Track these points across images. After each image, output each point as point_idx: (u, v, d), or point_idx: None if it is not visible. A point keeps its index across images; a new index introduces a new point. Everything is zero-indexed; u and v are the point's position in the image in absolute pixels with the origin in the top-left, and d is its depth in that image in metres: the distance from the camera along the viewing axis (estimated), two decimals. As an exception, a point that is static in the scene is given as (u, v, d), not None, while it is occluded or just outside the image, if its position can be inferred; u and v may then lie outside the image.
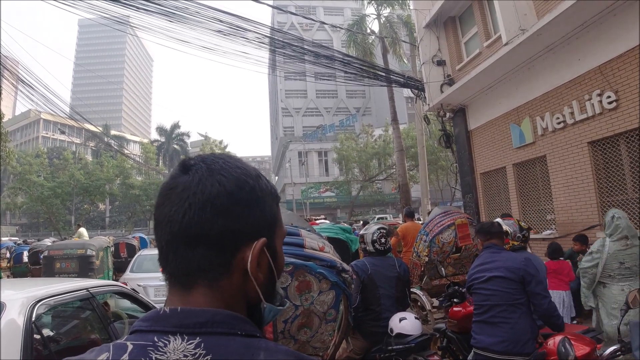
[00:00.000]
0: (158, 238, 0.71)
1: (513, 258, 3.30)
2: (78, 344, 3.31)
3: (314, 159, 48.45)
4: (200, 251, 0.68)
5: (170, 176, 0.72)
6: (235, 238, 0.70)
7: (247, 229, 0.70)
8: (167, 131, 60.60)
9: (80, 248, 8.94)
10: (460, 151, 11.88)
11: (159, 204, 0.71)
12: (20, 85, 14.06)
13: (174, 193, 0.69)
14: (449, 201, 23.72)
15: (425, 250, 6.23)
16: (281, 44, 12.71)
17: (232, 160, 0.74)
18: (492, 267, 3.32)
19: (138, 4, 9.65)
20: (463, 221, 6.37)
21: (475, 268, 3.49)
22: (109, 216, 61.20)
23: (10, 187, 39.92)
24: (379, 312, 4.03)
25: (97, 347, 0.66)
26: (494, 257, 3.38)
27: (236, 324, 0.67)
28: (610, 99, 7.04)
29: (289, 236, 2.65)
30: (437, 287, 6.38)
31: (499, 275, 3.23)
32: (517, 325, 3.12)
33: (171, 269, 0.70)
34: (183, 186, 0.69)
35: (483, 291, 3.31)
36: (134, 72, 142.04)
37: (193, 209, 0.67)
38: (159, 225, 0.70)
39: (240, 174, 0.72)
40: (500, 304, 3.18)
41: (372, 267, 4.10)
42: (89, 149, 62.54)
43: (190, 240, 0.68)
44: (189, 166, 0.72)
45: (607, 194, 7.46)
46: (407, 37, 20.20)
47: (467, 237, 6.30)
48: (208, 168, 0.70)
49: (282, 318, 2.57)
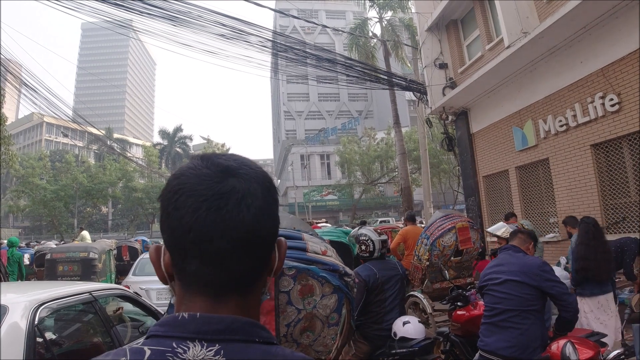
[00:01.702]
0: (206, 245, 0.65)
1: (531, 262, 3.20)
2: (80, 348, 3.31)
3: (316, 162, 48.47)
4: (255, 256, 0.69)
5: (208, 179, 0.67)
6: (274, 240, 0.73)
7: (277, 230, 0.73)
8: (169, 134, 60.69)
9: (82, 251, 8.93)
10: (463, 154, 11.87)
11: (207, 208, 0.65)
12: (23, 88, 14.10)
13: (232, 198, 0.66)
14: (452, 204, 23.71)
15: (426, 253, 6.20)
16: (283, 48, 12.75)
17: (254, 163, 0.74)
18: (508, 269, 3.22)
19: (141, 8, 9.69)
20: (464, 225, 6.31)
21: (491, 269, 3.39)
22: (112, 219, 61.36)
23: (13, 190, 40.01)
24: (382, 314, 4.03)
25: (113, 351, 0.66)
26: (511, 259, 3.30)
27: (254, 331, 0.67)
28: (612, 102, 7.03)
29: (291, 240, 2.66)
30: (439, 291, 6.31)
31: (515, 279, 3.14)
32: (528, 331, 3.05)
33: (216, 278, 0.66)
34: (243, 192, 0.67)
35: (497, 293, 3.22)
36: (136, 75, 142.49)
37: (259, 215, 0.67)
38: (210, 232, 0.65)
39: (271, 180, 0.74)
40: (513, 309, 3.10)
41: (380, 272, 4.09)
42: (91, 152, 62.75)
43: (253, 246, 0.68)
44: (233, 170, 0.69)
45: (610, 196, 7.44)
46: (409, 41, 20.17)
47: (467, 240, 6.26)
48: (254, 173, 0.70)
49: (285, 322, 2.57)
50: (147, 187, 43.72)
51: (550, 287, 3.05)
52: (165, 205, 0.68)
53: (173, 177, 0.70)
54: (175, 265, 0.69)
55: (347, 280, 2.73)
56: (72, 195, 39.45)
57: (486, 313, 3.32)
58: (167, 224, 0.68)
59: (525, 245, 3.43)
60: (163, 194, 0.70)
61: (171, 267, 0.70)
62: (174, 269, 0.70)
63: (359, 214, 41.30)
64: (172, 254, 0.69)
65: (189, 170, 0.69)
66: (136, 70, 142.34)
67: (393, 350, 3.79)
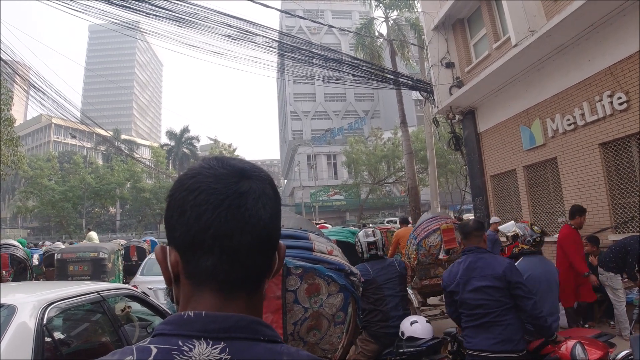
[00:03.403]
0: (224, 241, 0.67)
1: (497, 264, 3.27)
2: (89, 347, 3.33)
3: (323, 162, 48.48)
4: (267, 254, 0.72)
5: (225, 179, 0.69)
6: (279, 240, 0.76)
7: (280, 230, 0.77)
8: (176, 135, 60.93)
9: (92, 251, 9.02)
10: (470, 154, 11.83)
11: (228, 206, 0.67)
12: (31, 90, 14.21)
13: (250, 197, 0.69)
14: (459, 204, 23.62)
15: (413, 252, 6.71)
16: (290, 48, 12.76)
17: (259, 167, 0.77)
18: (478, 275, 3.28)
19: (148, 10, 9.74)
20: (448, 226, 6.68)
21: (458, 273, 3.40)
22: (120, 220, 61.73)
23: (21, 191, 40.31)
24: (386, 311, 4.07)
25: (120, 350, 0.66)
26: (478, 263, 3.33)
27: (259, 330, 0.67)
28: (621, 100, 6.97)
29: (298, 240, 2.68)
30: (427, 287, 6.91)
31: (487, 285, 3.22)
32: (510, 326, 3.18)
33: (232, 274, 0.68)
34: (258, 192, 0.70)
35: (472, 301, 3.29)
36: (143, 76, 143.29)
37: (272, 214, 0.71)
38: (230, 229, 0.67)
39: (274, 182, 0.77)
40: (493, 310, 3.21)
41: (375, 272, 4.20)
42: (99, 153, 63.13)
43: (267, 244, 0.71)
44: (247, 172, 0.72)
45: (618, 196, 7.39)
46: (415, 40, 20.13)
47: (452, 240, 6.62)
48: (265, 175, 0.74)
49: (292, 320, 2.59)
50: (154, 188, 43.93)
51: (513, 288, 3.19)
52: (180, 204, 0.69)
53: (187, 176, 0.71)
54: (188, 262, 0.69)
55: (352, 280, 2.75)
56: (80, 196, 39.73)
57: (466, 318, 3.38)
58: (180, 222, 0.68)
59: (482, 243, 3.50)
60: (175, 193, 0.71)
61: (177, 266, 0.70)
62: (183, 268, 0.70)
63: (366, 214, 41.30)
64: (184, 252, 0.69)
65: (206, 170, 0.71)
66: (143, 71, 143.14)
67: (401, 349, 3.80)
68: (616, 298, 5.99)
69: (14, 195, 43.70)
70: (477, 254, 3.39)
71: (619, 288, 5.99)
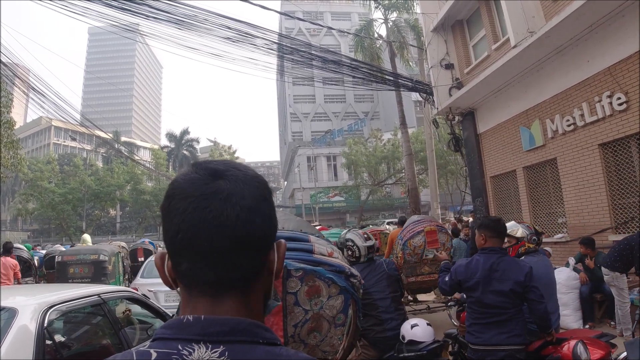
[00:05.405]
0: (194, 245, 0.67)
1: (519, 269, 3.29)
2: (89, 350, 3.33)
3: (323, 164, 48.45)
4: (246, 255, 0.69)
5: (196, 182, 0.69)
6: (269, 240, 0.74)
7: (274, 231, 0.75)
8: (176, 137, 60.89)
9: (93, 254, 9.01)
10: (470, 155, 11.83)
11: (193, 209, 0.67)
12: (31, 92, 14.21)
13: (217, 198, 0.67)
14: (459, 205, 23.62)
15: (400, 252, 7.14)
16: (289, 50, 12.77)
17: (245, 166, 0.76)
18: (500, 277, 3.29)
19: (147, 12, 9.75)
20: (432, 228, 7.19)
21: (477, 271, 3.37)
22: (120, 222, 61.64)
23: (21, 194, 40.30)
24: (378, 315, 4.00)
25: (120, 354, 0.67)
26: (500, 265, 3.33)
27: (258, 332, 0.68)
28: (620, 101, 6.98)
29: (298, 242, 2.68)
30: (414, 284, 7.32)
31: (509, 289, 3.26)
32: (521, 321, 3.30)
33: (209, 277, 0.68)
34: (228, 191, 0.68)
35: (490, 301, 3.30)
36: (143, 79, 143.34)
37: (244, 213, 0.68)
38: (196, 232, 0.67)
39: (263, 180, 0.75)
40: (509, 310, 3.28)
41: (362, 274, 4.10)
42: (99, 156, 63.04)
43: (242, 244, 0.68)
44: (220, 172, 0.71)
45: (618, 196, 7.39)
46: (414, 41, 20.15)
47: (434, 242, 7.10)
48: (243, 174, 0.72)
49: (293, 322, 2.59)
50: (155, 190, 43.89)
51: (528, 292, 3.27)
52: (163, 211, 0.71)
53: (170, 184, 0.73)
54: (174, 268, 0.71)
55: (353, 282, 2.75)
56: (80, 199, 39.76)
57: (477, 315, 3.40)
58: (164, 228, 0.70)
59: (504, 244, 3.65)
60: (162, 201, 0.73)
61: (172, 272, 0.72)
62: (174, 273, 0.71)
63: (366, 216, 41.26)
64: (170, 257, 0.71)
65: (181, 176, 0.72)
66: (143, 73, 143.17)
67: (402, 353, 3.76)
68: (621, 299, 5.97)
69: (14, 197, 43.66)
70: (500, 256, 3.39)
71: (625, 288, 5.98)
